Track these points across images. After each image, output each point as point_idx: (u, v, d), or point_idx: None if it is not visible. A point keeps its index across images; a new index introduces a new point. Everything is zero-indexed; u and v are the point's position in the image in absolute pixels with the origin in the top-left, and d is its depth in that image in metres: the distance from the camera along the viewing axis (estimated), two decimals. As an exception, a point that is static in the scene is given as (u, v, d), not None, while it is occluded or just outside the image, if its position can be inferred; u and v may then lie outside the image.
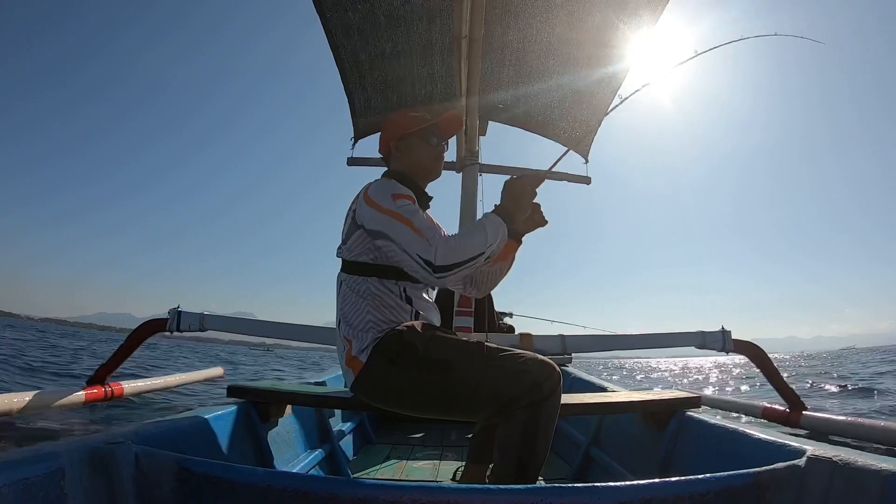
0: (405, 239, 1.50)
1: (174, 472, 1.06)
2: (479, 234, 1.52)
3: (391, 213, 1.54)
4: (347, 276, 1.67)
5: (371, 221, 1.58)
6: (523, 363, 1.44)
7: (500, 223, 1.56)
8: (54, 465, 0.96)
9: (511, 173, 5.19)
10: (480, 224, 1.56)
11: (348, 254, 1.67)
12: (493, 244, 1.53)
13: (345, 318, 1.64)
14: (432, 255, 1.45)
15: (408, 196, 1.62)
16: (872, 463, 1.03)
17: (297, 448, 2.27)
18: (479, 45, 2.83)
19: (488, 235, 1.52)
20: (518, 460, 1.37)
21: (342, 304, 1.67)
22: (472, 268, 1.51)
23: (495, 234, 1.54)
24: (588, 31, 3.71)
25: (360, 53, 4.02)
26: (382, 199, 1.58)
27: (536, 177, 1.70)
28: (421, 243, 1.48)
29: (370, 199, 1.60)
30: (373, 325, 1.58)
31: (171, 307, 3.81)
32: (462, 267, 1.48)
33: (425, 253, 1.46)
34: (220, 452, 1.64)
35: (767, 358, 3.96)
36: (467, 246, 1.49)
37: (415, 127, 1.81)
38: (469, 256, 1.48)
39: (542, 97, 4.64)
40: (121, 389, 4.16)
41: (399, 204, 1.57)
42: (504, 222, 1.57)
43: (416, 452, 2.98)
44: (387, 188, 1.63)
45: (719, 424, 1.69)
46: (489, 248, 1.52)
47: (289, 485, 1.01)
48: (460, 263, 1.47)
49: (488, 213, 1.60)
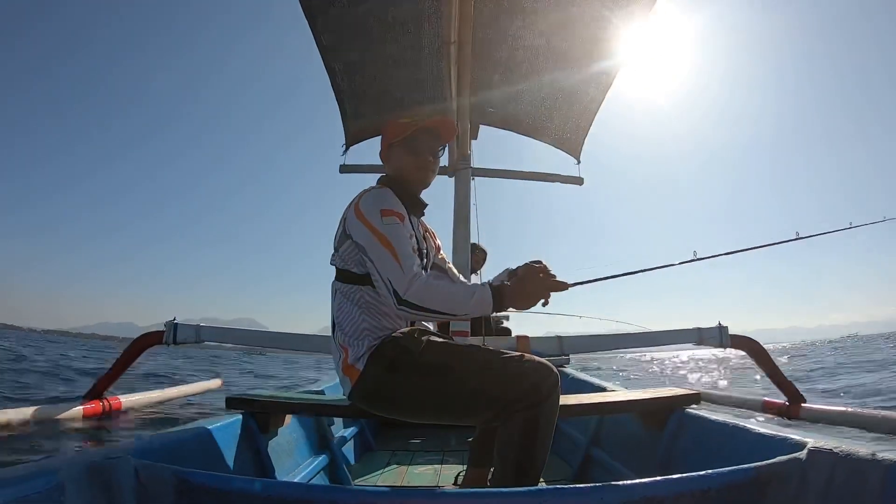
0: (382, 261, 1.49)
1: (174, 485, 1.05)
2: (463, 299, 1.47)
3: (374, 232, 1.53)
4: (341, 285, 1.66)
5: (357, 235, 1.57)
6: (521, 365, 1.44)
7: (488, 303, 1.48)
8: (54, 480, 0.95)
9: (503, 177, 5.19)
10: (470, 290, 1.49)
11: (341, 262, 1.66)
12: (471, 313, 1.49)
13: (340, 327, 1.64)
14: (403, 288, 1.44)
15: (396, 213, 1.59)
16: (874, 454, 1.03)
17: (297, 457, 2.26)
18: (468, 49, 2.85)
19: (469, 305, 1.46)
20: (518, 463, 1.37)
21: (337, 312, 1.66)
22: (436, 319, 1.50)
23: (477, 307, 1.47)
24: (578, 30, 3.73)
25: (350, 61, 4.03)
26: (371, 213, 1.57)
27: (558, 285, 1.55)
28: (396, 271, 1.46)
29: (360, 211, 1.59)
30: (368, 333, 1.58)
31: (173, 314, 3.80)
32: (426, 313, 1.45)
33: (397, 282, 1.45)
34: (220, 464, 1.64)
35: (765, 352, 3.98)
36: (444, 299, 1.46)
37: (401, 135, 1.79)
38: (438, 309, 1.45)
39: (533, 99, 4.66)
40: (119, 403, 4.14)
41: (385, 222, 1.55)
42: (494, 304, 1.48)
43: (417, 458, 2.97)
44: (377, 201, 1.61)
45: (719, 420, 1.69)
46: (461, 315, 1.50)
47: (289, 494, 1.00)
48: (426, 310, 1.44)
49: (485, 288, 1.49)
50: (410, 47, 3.92)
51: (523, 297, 1.49)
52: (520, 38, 3.87)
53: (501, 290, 1.48)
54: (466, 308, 1.46)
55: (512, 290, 1.48)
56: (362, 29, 3.70)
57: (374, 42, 3.84)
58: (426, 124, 1.80)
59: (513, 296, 1.48)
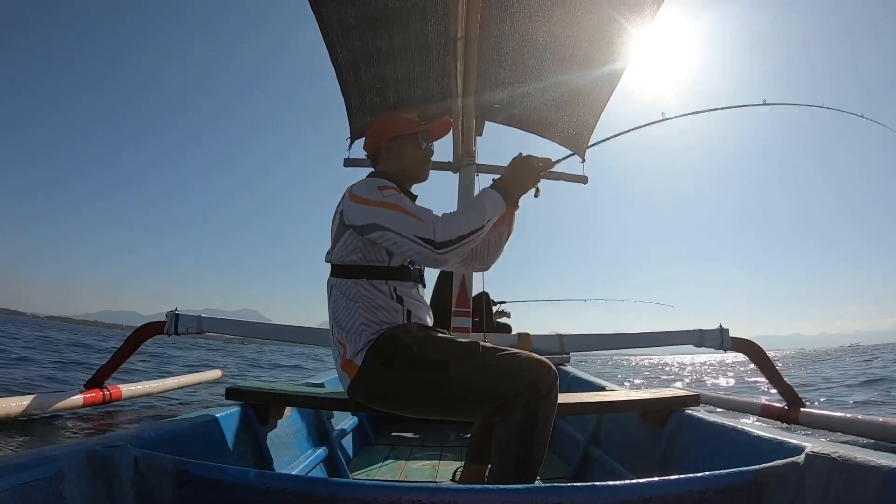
0: (400, 223, 1.51)
1: (173, 475, 1.05)
2: (478, 210, 1.54)
3: (381, 204, 1.55)
4: (337, 281, 1.68)
5: (361, 217, 1.58)
6: (520, 362, 1.44)
7: (498, 199, 1.59)
8: (53, 468, 0.95)
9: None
10: (479, 200, 1.59)
11: (339, 256, 1.67)
12: (493, 217, 1.56)
13: (337, 322, 1.65)
14: (431, 233, 1.46)
15: (392, 187, 1.64)
16: (872, 459, 1.03)
17: (296, 449, 2.27)
18: (475, 45, 2.83)
19: (487, 210, 1.54)
20: (516, 459, 1.37)
21: (333, 308, 1.67)
22: (474, 242, 1.53)
23: (494, 209, 1.57)
24: (585, 28, 3.71)
25: (356, 53, 4.01)
26: (369, 193, 1.60)
27: (545, 162, 1.72)
28: (416, 224, 1.49)
29: (356, 196, 1.61)
30: (365, 328, 1.58)
31: (175, 304, 3.82)
32: (464, 241, 1.49)
33: (423, 232, 1.47)
34: (219, 455, 1.64)
35: (766, 356, 3.97)
36: (466, 220, 1.51)
37: (408, 130, 1.81)
38: (469, 230, 1.49)
39: (539, 97, 4.64)
40: (119, 393, 4.16)
41: (386, 194, 1.58)
42: (502, 198, 1.60)
43: (416, 453, 2.98)
44: (373, 183, 1.65)
45: (718, 422, 1.69)
46: (488, 223, 1.54)
47: (288, 486, 1.01)
48: (461, 237, 1.48)
49: (487, 189, 1.62)
50: (417, 42, 3.91)
51: (520, 179, 1.67)
52: (527, 36, 3.85)
53: (501, 183, 1.64)
54: (486, 213, 1.55)
55: (507, 179, 1.65)
56: (368, 23, 3.69)
57: (380, 36, 3.83)
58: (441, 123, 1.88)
59: (510, 183, 1.65)
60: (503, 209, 1.61)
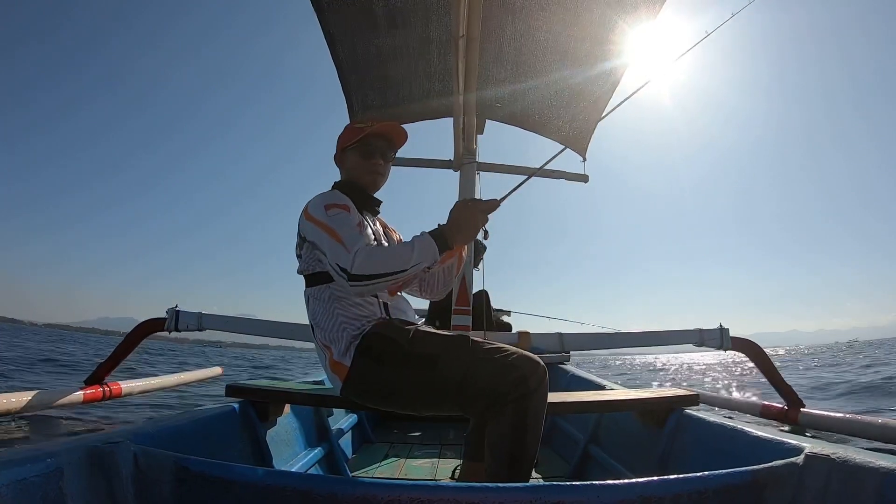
0: (329, 248, 1.54)
1: (173, 471, 1.06)
2: (404, 252, 1.52)
3: (320, 224, 1.58)
4: (311, 289, 1.71)
5: (309, 234, 1.63)
6: (508, 358, 1.45)
7: (430, 245, 1.54)
8: (53, 465, 0.96)
9: (508, 172, 5.20)
10: (410, 243, 1.56)
11: (305, 267, 1.71)
12: (419, 263, 1.53)
13: (318, 326, 1.67)
14: (349, 264, 1.47)
15: (342, 206, 1.65)
16: (870, 460, 1.03)
17: (295, 447, 2.27)
18: (477, 43, 2.83)
19: (414, 255, 1.51)
20: (510, 456, 1.38)
21: (313, 314, 1.70)
22: (394, 283, 1.53)
23: (422, 254, 1.53)
24: (586, 27, 3.70)
25: (357, 51, 4.01)
26: (316, 210, 1.63)
27: (489, 205, 1.66)
28: (341, 251, 1.51)
29: (308, 213, 1.65)
30: (345, 325, 1.61)
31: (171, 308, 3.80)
32: (379, 280, 1.49)
33: (343, 261, 1.49)
34: (219, 452, 1.64)
35: (765, 355, 3.97)
36: (388, 260, 1.50)
37: (353, 139, 1.84)
38: (387, 271, 1.49)
39: (540, 95, 4.63)
40: (119, 389, 4.16)
41: (330, 214, 1.60)
42: (437, 244, 1.55)
43: (415, 451, 2.99)
44: (323, 199, 1.67)
45: (717, 422, 1.69)
46: (412, 267, 1.52)
47: (287, 484, 1.01)
48: (377, 276, 1.48)
49: (423, 234, 1.58)
50: (418, 41, 3.90)
51: (461, 228, 1.59)
52: (528, 34, 3.84)
53: (440, 230, 1.58)
54: (412, 259, 1.51)
55: (449, 226, 1.59)
56: (370, 21, 3.69)
57: (382, 35, 3.83)
58: (377, 129, 1.84)
59: (451, 231, 1.58)
60: (435, 256, 1.55)
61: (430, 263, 1.56)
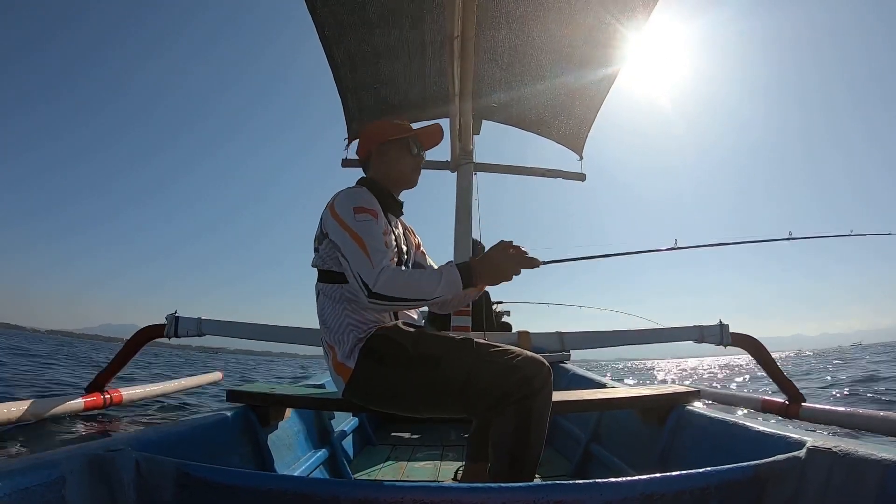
0: (354, 256, 1.52)
1: (175, 477, 1.05)
2: (430, 282, 1.51)
3: (346, 229, 1.56)
4: (323, 285, 1.69)
5: (333, 233, 1.61)
6: (513, 359, 1.44)
7: (457, 281, 1.53)
8: (54, 473, 0.95)
9: (505, 172, 5.20)
10: (438, 273, 1.54)
11: (321, 262, 1.69)
12: (441, 296, 1.52)
13: (325, 325, 1.66)
14: (372, 281, 1.47)
15: (370, 210, 1.62)
16: (872, 453, 1.03)
17: (297, 451, 2.27)
18: (471, 44, 2.83)
19: (439, 287, 1.51)
20: (513, 456, 1.37)
21: (321, 311, 1.69)
22: (412, 308, 1.54)
23: (447, 288, 1.52)
24: (580, 29, 3.72)
25: (352, 53, 4.01)
26: (344, 211, 1.60)
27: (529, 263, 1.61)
28: (365, 265, 1.50)
29: (334, 210, 1.63)
30: (352, 328, 1.59)
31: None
32: (398, 302, 1.49)
33: (366, 276, 1.48)
34: (220, 457, 1.64)
35: (766, 351, 3.98)
36: (412, 287, 1.50)
37: (398, 134, 1.82)
38: (408, 297, 1.49)
39: (536, 95, 4.64)
40: (119, 396, 4.15)
41: (358, 219, 1.58)
42: (462, 281, 1.53)
43: (417, 453, 2.98)
44: (352, 199, 1.64)
45: (719, 418, 1.69)
46: (434, 298, 1.52)
47: (289, 488, 1.00)
48: (397, 299, 1.48)
49: (451, 267, 1.55)
50: (413, 41, 3.91)
51: (494, 272, 1.56)
52: (523, 36, 3.85)
53: (470, 266, 1.54)
54: (436, 291, 1.50)
55: (481, 266, 1.55)
56: (365, 21, 3.69)
57: (376, 35, 3.83)
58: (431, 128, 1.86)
59: (482, 272, 1.55)
60: (458, 291, 1.54)
61: (451, 297, 1.56)
